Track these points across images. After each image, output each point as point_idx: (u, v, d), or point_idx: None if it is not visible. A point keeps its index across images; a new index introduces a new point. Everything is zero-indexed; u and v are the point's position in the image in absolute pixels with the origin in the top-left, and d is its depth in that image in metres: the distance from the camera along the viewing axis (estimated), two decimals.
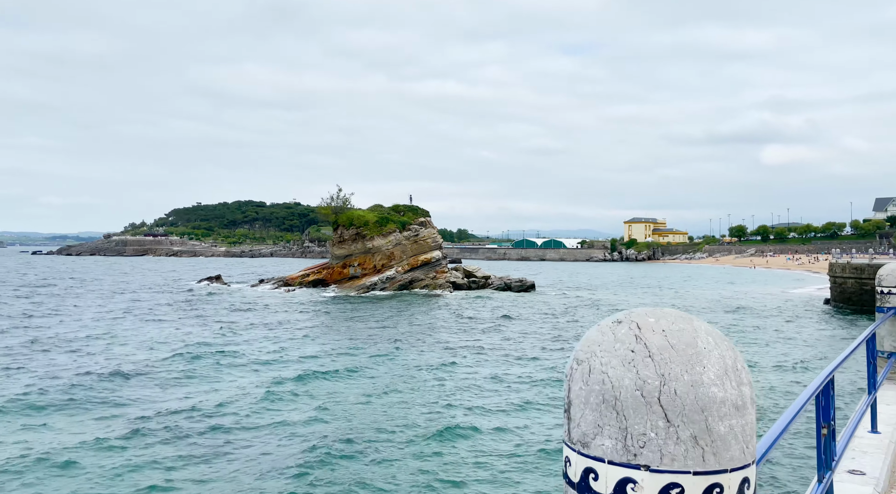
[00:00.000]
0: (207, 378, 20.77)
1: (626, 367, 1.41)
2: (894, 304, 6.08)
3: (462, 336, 31.36)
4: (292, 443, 13.66)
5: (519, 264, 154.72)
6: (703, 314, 42.61)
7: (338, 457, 12.92)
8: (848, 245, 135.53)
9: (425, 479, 11.82)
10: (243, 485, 11.43)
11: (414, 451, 13.35)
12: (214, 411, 16.40)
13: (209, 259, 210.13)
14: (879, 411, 4.91)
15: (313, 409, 16.60)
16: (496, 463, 12.45)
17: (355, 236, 70.35)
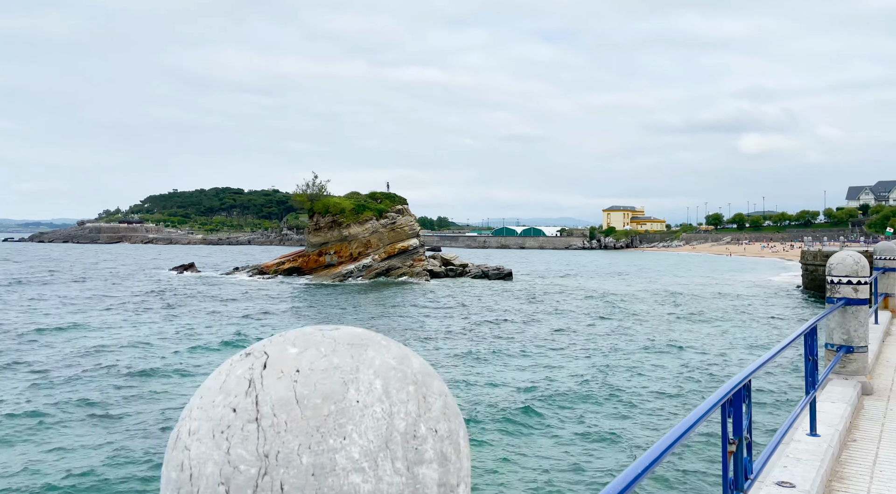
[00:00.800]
0: (168, 367, 20.28)
1: (215, 440, 0.86)
2: (845, 294, 5.82)
3: (434, 324, 31.07)
4: None
5: (498, 252, 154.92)
6: (668, 301, 42.78)
7: None
8: (821, 233, 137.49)
9: None
10: None
11: None
12: (162, 397, 15.93)
13: (185, 247, 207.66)
14: (822, 409, 4.63)
15: None
16: None
17: (331, 224, 69.63)
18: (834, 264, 5.91)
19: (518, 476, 11.13)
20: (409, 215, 73.43)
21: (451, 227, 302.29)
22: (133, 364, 20.77)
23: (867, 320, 5.87)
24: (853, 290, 5.81)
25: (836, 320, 5.89)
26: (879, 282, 11.06)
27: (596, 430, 13.71)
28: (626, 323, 31.75)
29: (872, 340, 7.87)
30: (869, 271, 5.89)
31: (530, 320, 32.71)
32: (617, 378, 18.79)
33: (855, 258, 5.88)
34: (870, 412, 5.16)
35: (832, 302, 5.83)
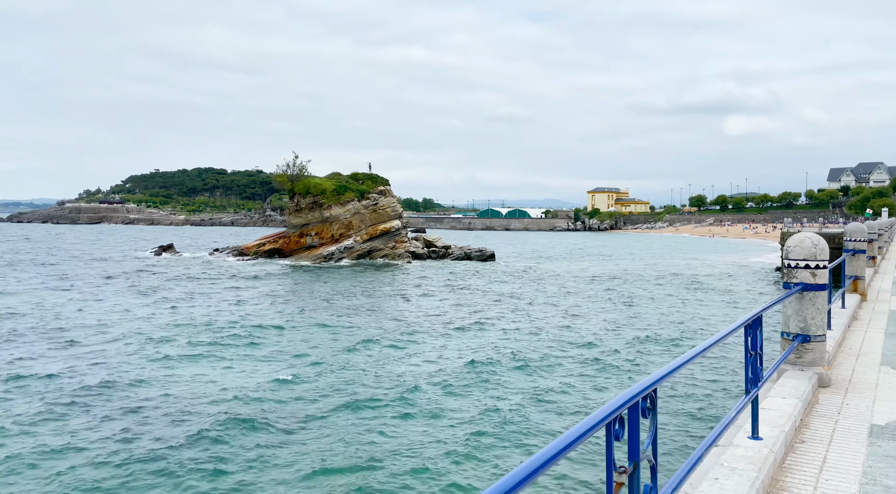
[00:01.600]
0: (144, 350, 19.76)
1: None
2: (802, 279, 5.39)
3: (414, 306, 30.72)
4: (205, 414, 12.78)
5: (483, 234, 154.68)
6: (650, 282, 42.67)
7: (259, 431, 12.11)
8: (802, 215, 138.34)
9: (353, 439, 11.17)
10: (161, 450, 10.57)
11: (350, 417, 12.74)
12: (135, 381, 15.39)
13: (167, 228, 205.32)
14: (770, 406, 4.21)
15: (233, 376, 15.75)
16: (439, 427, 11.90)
17: (312, 205, 68.86)
18: (791, 246, 5.45)
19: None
20: (391, 196, 72.76)
21: (436, 208, 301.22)
22: (102, 356, 20.16)
23: (825, 307, 5.44)
24: (811, 274, 5.37)
25: (793, 306, 5.46)
26: (848, 264, 10.72)
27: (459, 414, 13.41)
28: (582, 308, 31.52)
29: (837, 326, 7.50)
30: (828, 254, 5.47)
31: (502, 300, 32.39)
32: (531, 356, 18.57)
33: (813, 240, 5.44)
34: (824, 407, 4.75)
35: (789, 288, 5.40)
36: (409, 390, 15.78)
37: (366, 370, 17.72)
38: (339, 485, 10.14)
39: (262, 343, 21.44)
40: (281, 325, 25.28)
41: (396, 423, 13.28)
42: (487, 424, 12.88)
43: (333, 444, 12.04)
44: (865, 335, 7.74)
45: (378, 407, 14.34)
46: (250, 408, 14.26)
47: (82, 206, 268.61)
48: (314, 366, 18.38)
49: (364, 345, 21.20)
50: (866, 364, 6.10)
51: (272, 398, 15.04)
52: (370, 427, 12.99)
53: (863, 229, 11.49)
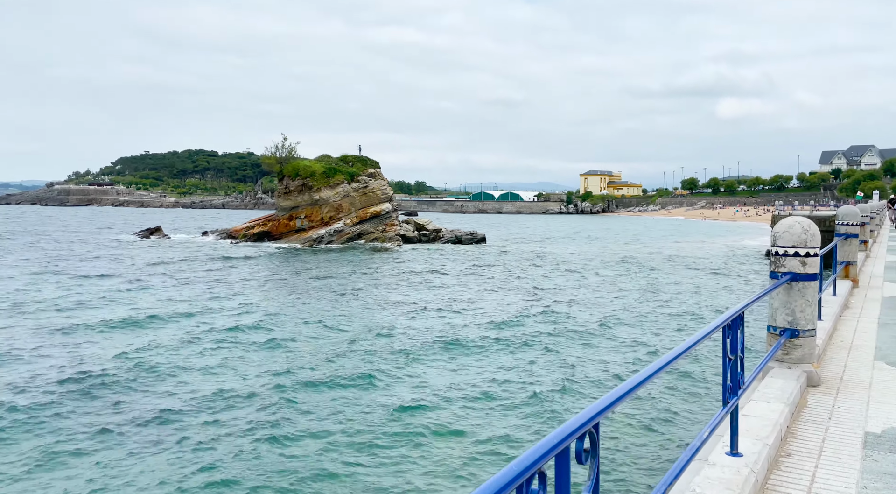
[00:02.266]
0: (125, 334, 19.23)
1: None
2: (791, 268, 4.91)
3: (402, 290, 30.29)
4: (179, 398, 12.30)
5: (475, 217, 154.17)
6: (636, 266, 42.34)
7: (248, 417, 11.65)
8: (793, 198, 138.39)
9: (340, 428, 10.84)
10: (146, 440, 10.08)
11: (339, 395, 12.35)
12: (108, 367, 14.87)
13: (157, 210, 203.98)
14: (753, 413, 3.73)
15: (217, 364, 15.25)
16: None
17: (301, 188, 68.13)
18: (779, 232, 4.92)
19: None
20: (381, 179, 72.00)
21: (428, 192, 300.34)
22: (82, 337, 19.60)
23: (815, 299, 4.97)
24: (800, 263, 4.86)
25: (781, 298, 4.97)
26: (840, 249, 10.25)
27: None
28: (567, 291, 31.14)
29: (827, 316, 7.05)
30: (820, 240, 4.99)
31: (489, 282, 31.96)
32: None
33: (804, 226, 4.94)
34: (813, 411, 4.28)
35: (776, 278, 4.92)
36: (381, 369, 15.67)
37: (349, 356, 17.28)
38: (324, 471, 9.74)
39: (244, 328, 20.94)
40: (264, 309, 24.78)
41: (376, 402, 12.88)
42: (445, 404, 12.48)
43: (316, 426, 11.66)
44: (858, 325, 7.29)
45: (361, 390, 13.95)
46: (229, 396, 13.80)
47: (71, 188, 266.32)
48: (294, 350, 17.95)
49: (347, 331, 20.75)
50: (859, 360, 5.64)
51: (252, 385, 14.58)
52: (353, 413, 12.59)
53: (855, 212, 11.04)
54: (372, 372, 15.45)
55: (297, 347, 18.59)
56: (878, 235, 26.03)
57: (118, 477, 9.84)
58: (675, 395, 12.93)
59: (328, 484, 9.58)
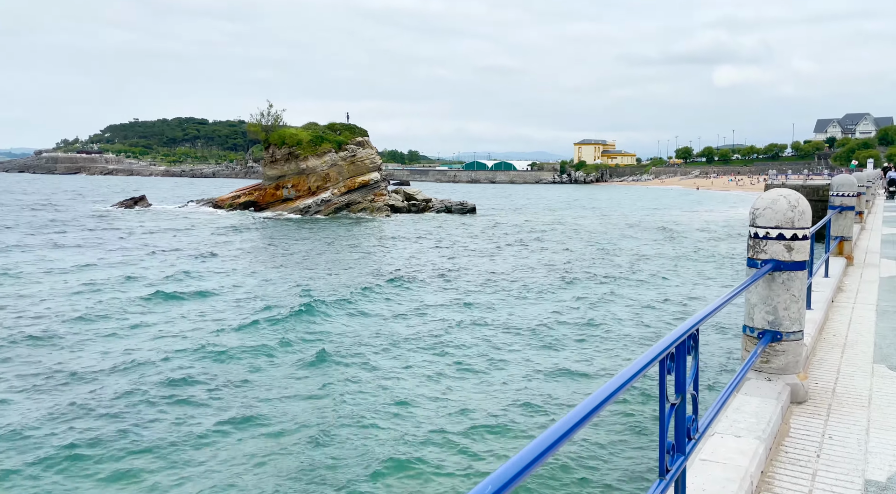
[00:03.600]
0: (87, 307, 18.23)
1: None
2: (773, 255, 3.87)
3: (387, 262, 29.38)
4: (148, 378, 11.35)
5: (468, 187, 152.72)
6: (624, 237, 41.44)
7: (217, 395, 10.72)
8: (788, 166, 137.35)
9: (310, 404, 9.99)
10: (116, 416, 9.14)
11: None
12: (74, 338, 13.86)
13: (146, 178, 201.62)
14: (716, 454, 2.72)
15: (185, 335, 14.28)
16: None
17: (288, 156, 66.77)
18: (760, 208, 3.85)
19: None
20: (369, 148, 70.57)
21: (421, 161, 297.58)
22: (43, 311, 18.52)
23: (804, 292, 4.01)
24: (785, 248, 3.82)
25: (760, 292, 3.94)
26: (834, 224, 9.19)
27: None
28: (548, 263, 30.25)
29: (818, 303, 6.06)
30: (811, 217, 3.95)
31: (473, 253, 30.98)
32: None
33: (791, 200, 3.85)
34: (797, 445, 3.25)
35: (755, 266, 3.88)
36: (358, 344, 14.97)
37: (328, 331, 16.37)
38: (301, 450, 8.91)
39: (220, 299, 20.00)
40: (240, 278, 23.89)
41: (345, 374, 11.99)
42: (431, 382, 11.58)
43: (293, 405, 10.82)
44: (853, 313, 6.26)
45: (336, 366, 13.10)
46: (201, 371, 12.94)
47: (59, 156, 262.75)
48: (269, 321, 17.10)
49: (326, 303, 19.89)
50: (855, 362, 4.65)
51: (226, 359, 13.72)
52: (331, 387, 11.77)
53: (852, 181, 9.99)
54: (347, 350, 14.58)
55: (263, 317, 17.67)
56: (873, 205, 25.09)
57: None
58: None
59: (313, 459, 8.91)
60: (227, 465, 9.13)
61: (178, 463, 9.18)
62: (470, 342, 15.66)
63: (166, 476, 8.86)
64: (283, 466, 9.04)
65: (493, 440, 9.68)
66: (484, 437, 9.75)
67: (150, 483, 8.69)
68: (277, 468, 9.00)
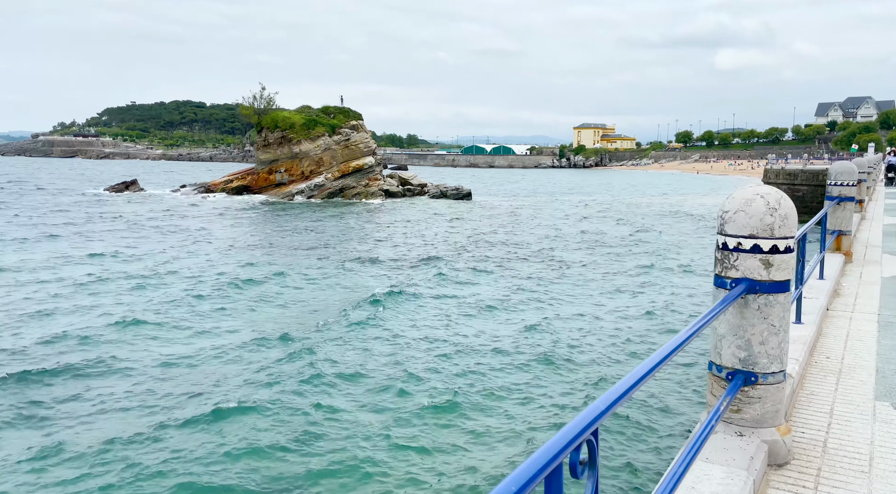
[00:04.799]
0: (64, 298, 17.40)
1: None
2: (748, 272, 2.93)
3: (376, 246, 28.60)
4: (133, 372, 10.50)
5: (466, 171, 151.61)
6: (618, 223, 40.51)
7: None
8: (788, 150, 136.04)
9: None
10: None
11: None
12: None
13: (143, 162, 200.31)
14: None
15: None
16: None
17: (281, 140, 65.82)
18: (730, 211, 2.95)
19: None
20: (364, 132, 69.50)
21: (420, 145, 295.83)
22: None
23: (786, 320, 3.01)
24: (762, 264, 2.88)
25: (731, 321, 2.98)
26: (831, 216, 8.22)
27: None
28: (534, 250, 29.35)
29: (810, 313, 5.13)
30: (796, 221, 3.03)
31: (465, 239, 30.06)
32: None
33: (770, 201, 2.90)
34: None
35: (723, 286, 2.94)
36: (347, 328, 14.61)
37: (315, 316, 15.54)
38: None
39: (205, 290, 19.17)
40: (226, 266, 23.11)
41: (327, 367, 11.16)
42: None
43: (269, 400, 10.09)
44: (851, 326, 5.32)
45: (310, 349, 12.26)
46: (183, 369, 12.17)
47: (56, 139, 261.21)
48: (257, 312, 16.40)
49: (310, 289, 19.22)
50: (852, 398, 3.69)
51: (207, 351, 12.92)
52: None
53: (851, 168, 8.99)
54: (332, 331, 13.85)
55: (243, 306, 16.84)
56: (874, 191, 24.07)
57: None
58: None
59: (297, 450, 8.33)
60: (212, 461, 8.41)
61: (149, 462, 8.43)
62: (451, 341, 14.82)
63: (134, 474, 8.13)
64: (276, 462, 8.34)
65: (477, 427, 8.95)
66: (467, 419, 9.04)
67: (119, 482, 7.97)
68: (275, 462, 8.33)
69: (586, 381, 11.32)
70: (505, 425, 9.52)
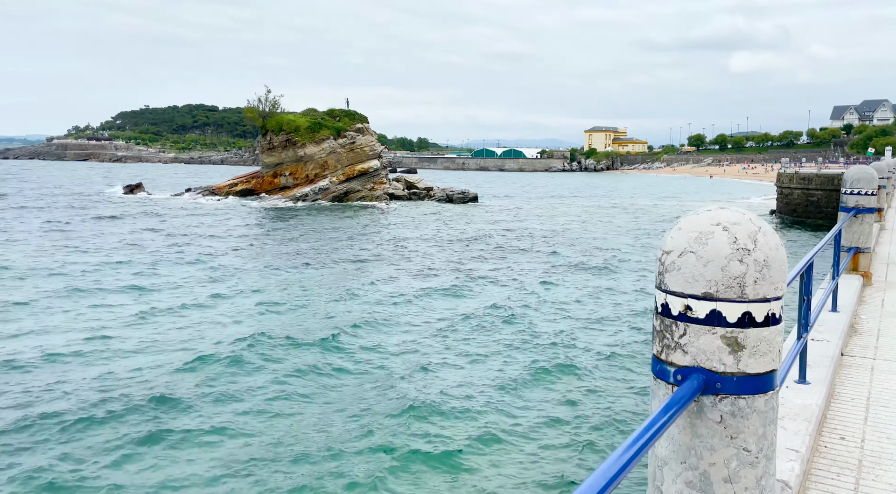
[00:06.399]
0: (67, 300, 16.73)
1: None
2: (702, 359, 1.60)
3: (371, 251, 27.78)
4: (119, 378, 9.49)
5: (476, 175, 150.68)
6: (632, 230, 39.17)
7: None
8: (802, 154, 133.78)
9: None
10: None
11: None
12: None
13: (154, 165, 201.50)
14: None
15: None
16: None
17: (285, 143, 65.30)
18: (674, 253, 1.65)
19: None
20: (369, 135, 68.69)
21: (430, 148, 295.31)
22: None
23: (771, 441, 1.65)
24: (727, 346, 1.57)
25: (678, 440, 1.67)
26: (847, 231, 6.90)
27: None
28: (533, 258, 28.12)
29: (819, 366, 3.87)
30: (786, 266, 1.76)
31: (466, 244, 28.92)
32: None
33: (739, 236, 1.59)
34: None
35: (666, 379, 1.66)
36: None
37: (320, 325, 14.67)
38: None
39: (200, 296, 18.42)
40: (225, 272, 22.41)
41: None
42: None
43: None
44: (872, 383, 3.93)
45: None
46: (180, 378, 11.37)
47: (69, 143, 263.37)
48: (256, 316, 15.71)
49: (313, 299, 18.47)
50: None
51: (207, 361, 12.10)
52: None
53: (870, 174, 7.64)
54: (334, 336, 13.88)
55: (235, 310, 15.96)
56: (893, 197, 22.43)
57: None
58: None
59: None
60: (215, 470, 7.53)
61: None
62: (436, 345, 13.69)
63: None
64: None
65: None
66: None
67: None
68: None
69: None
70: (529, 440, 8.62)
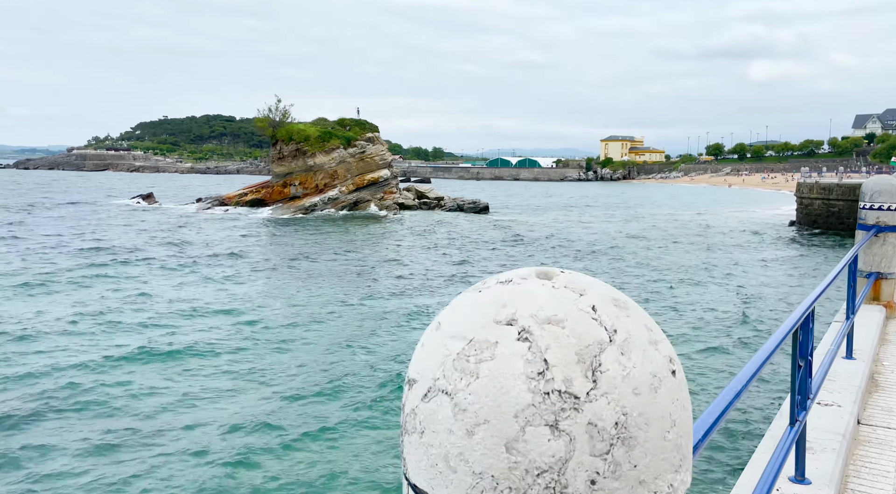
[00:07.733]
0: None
1: None
2: None
3: (379, 262, 26.91)
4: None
5: (490, 184, 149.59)
6: (657, 239, 37.87)
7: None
8: (823, 164, 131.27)
9: None
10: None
11: None
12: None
13: (171, 175, 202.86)
14: None
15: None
16: None
17: (295, 153, 64.77)
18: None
19: None
20: (380, 144, 68.01)
21: (445, 158, 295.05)
22: None
23: None
24: None
25: None
26: (865, 254, 5.74)
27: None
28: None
29: (828, 440, 2.79)
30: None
31: (470, 254, 27.88)
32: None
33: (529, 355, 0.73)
34: None
35: None
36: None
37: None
38: None
39: (198, 308, 17.66)
40: (225, 282, 21.61)
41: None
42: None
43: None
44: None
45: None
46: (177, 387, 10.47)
47: (88, 153, 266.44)
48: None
49: (316, 309, 17.54)
50: None
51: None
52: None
53: (893, 186, 6.53)
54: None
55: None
56: None
57: None
58: None
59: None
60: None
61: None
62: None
63: None
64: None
65: None
66: None
67: None
68: None
69: None
70: None
